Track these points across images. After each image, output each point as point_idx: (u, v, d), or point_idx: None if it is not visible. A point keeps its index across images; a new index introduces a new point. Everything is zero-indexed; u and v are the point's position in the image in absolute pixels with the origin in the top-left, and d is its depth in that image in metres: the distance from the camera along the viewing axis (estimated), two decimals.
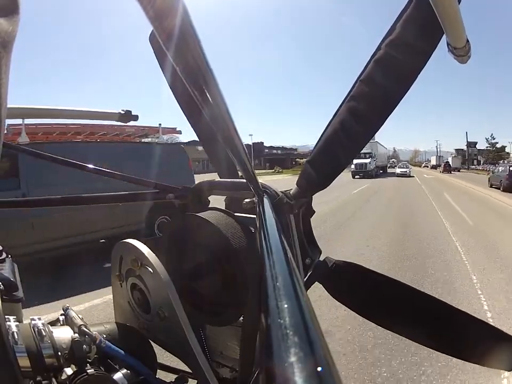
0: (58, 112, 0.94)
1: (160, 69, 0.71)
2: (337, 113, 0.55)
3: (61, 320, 0.55)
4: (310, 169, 0.57)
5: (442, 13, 0.43)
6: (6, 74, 0.24)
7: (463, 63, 0.55)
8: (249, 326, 0.53)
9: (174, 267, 0.58)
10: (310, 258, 0.60)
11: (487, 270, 4.21)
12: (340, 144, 0.54)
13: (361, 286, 0.57)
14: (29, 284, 0.83)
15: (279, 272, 0.24)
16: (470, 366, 2.10)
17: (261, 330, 0.18)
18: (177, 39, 0.28)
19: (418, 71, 0.50)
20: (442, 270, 4.18)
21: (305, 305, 0.19)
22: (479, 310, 3.06)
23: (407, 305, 0.55)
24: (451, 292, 3.50)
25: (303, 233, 0.61)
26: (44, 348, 0.45)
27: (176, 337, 0.53)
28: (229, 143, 0.40)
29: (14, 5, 0.25)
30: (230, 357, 0.66)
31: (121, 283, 0.63)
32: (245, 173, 0.47)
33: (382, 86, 0.51)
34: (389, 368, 2.24)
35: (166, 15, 0.26)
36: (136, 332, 0.60)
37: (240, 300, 0.52)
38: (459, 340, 0.55)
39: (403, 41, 0.49)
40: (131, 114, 0.99)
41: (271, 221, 0.39)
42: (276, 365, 0.15)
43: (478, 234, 6.15)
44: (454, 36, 0.49)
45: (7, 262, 0.69)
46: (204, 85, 0.32)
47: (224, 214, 0.56)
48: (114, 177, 0.81)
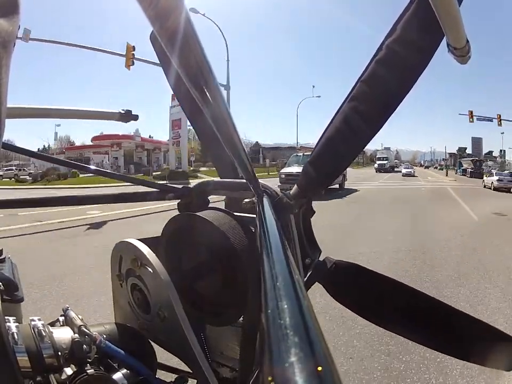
0: (58, 112, 0.94)
1: (161, 69, 0.71)
2: (337, 114, 0.55)
3: (60, 321, 0.55)
4: (310, 170, 0.56)
5: (442, 13, 0.43)
6: (6, 74, 0.24)
7: (463, 64, 0.55)
8: (249, 326, 0.53)
9: (174, 267, 0.58)
10: (310, 258, 0.60)
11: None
12: (344, 142, 0.54)
13: (361, 286, 0.57)
14: None
15: (279, 272, 0.24)
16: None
17: (261, 330, 0.18)
18: (178, 40, 0.28)
19: (421, 70, 0.50)
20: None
21: (305, 305, 0.19)
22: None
23: (407, 306, 0.55)
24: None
25: (303, 233, 0.61)
26: (44, 348, 0.45)
27: (176, 337, 0.53)
28: (229, 143, 0.40)
29: (14, 5, 0.25)
30: (230, 357, 0.66)
31: (121, 283, 0.63)
32: (245, 173, 0.47)
33: (384, 84, 0.51)
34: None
35: (167, 16, 0.26)
36: (136, 332, 0.60)
37: (240, 300, 0.52)
38: (458, 340, 0.55)
39: (405, 40, 0.49)
40: (131, 114, 0.99)
41: (271, 221, 0.39)
42: (276, 365, 0.15)
43: (424, 174, 35.37)
44: (454, 36, 0.49)
45: (7, 262, 0.69)
46: (204, 85, 0.32)
47: (224, 214, 0.56)
48: (115, 177, 0.82)
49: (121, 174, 0.83)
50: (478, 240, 5.63)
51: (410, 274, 3.83)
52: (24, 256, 4.23)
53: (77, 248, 5.06)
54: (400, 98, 0.51)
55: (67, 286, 3.46)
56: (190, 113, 0.74)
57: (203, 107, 0.34)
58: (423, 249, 4.94)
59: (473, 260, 4.47)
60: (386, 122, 0.52)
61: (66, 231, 6.36)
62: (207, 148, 0.80)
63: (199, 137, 0.79)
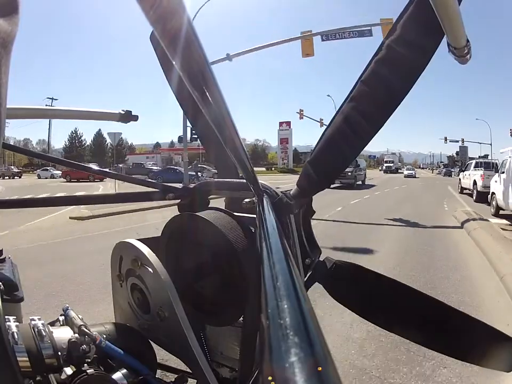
0: (58, 112, 0.94)
1: (161, 68, 0.71)
2: (337, 113, 0.55)
3: (60, 321, 0.55)
4: (310, 170, 0.56)
5: (442, 13, 0.43)
6: (6, 74, 0.24)
7: (464, 64, 0.55)
8: (249, 326, 0.53)
9: (174, 267, 0.58)
10: (310, 259, 0.60)
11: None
12: (344, 141, 0.54)
13: (361, 286, 0.57)
14: None
15: (279, 272, 0.24)
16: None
17: (261, 330, 0.18)
18: (180, 42, 0.28)
19: (421, 70, 0.50)
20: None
21: (305, 305, 0.19)
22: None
23: (407, 306, 0.55)
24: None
25: (303, 233, 0.61)
26: (44, 348, 0.45)
27: (176, 337, 0.53)
28: (229, 143, 0.40)
29: (14, 5, 0.25)
30: (230, 357, 0.66)
31: (121, 283, 0.63)
32: (245, 173, 0.47)
33: (385, 83, 0.51)
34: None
35: (168, 18, 0.26)
36: (136, 332, 0.60)
37: (240, 300, 0.52)
38: (458, 340, 0.55)
39: (405, 40, 0.49)
40: (131, 115, 0.99)
41: (271, 221, 0.39)
42: (276, 365, 0.15)
43: (420, 172, 54.90)
44: (454, 36, 0.49)
45: (7, 262, 0.69)
46: (204, 86, 0.32)
47: (224, 214, 0.56)
48: (115, 177, 0.82)
49: (121, 174, 0.83)
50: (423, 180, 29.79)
51: (407, 190, 17.23)
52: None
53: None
54: (401, 98, 0.51)
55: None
56: (190, 114, 0.74)
57: (203, 108, 0.34)
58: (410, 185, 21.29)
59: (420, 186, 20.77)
60: (389, 124, 0.52)
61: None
62: (208, 149, 0.81)
63: (199, 138, 0.80)
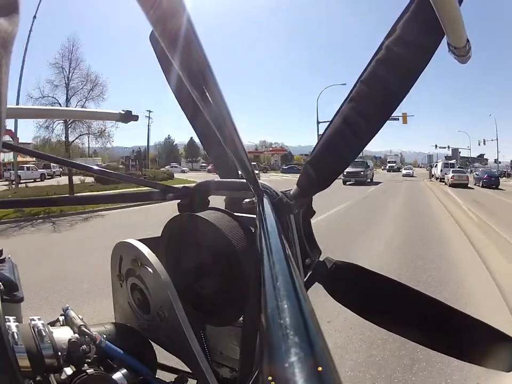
0: (58, 112, 0.95)
1: (160, 68, 0.71)
2: (337, 114, 0.55)
3: (60, 321, 0.55)
4: (310, 170, 0.56)
5: (442, 13, 0.43)
6: (6, 74, 0.24)
7: (464, 63, 0.55)
8: (249, 326, 0.53)
9: (174, 267, 0.58)
10: (310, 259, 0.60)
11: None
12: (344, 142, 0.54)
13: (360, 286, 0.57)
14: None
15: (279, 272, 0.24)
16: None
17: (261, 330, 0.18)
18: (180, 42, 0.28)
19: (421, 70, 0.50)
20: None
21: (305, 305, 0.19)
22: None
23: (407, 306, 0.55)
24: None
25: (303, 233, 0.61)
26: (43, 348, 0.45)
27: (176, 337, 0.53)
28: (229, 143, 0.40)
29: (14, 5, 0.25)
30: (230, 357, 0.66)
31: (121, 283, 0.63)
32: (245, 173, 0.47)
33: (384, 84, 0.51)
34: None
35: (168, 18, 0.26)
36: (136, 332, 0.60)
37: (240, 300, 0.52)
38: (458, 340, 0.55)
39: (404, 40, 0.49)
40: (131, 115, 0.99)
41: (271, 221, 0.39)
42: (276, 365, 0.15)
43: (417, 170, 61.50)
44: (454, 35, 0.49)
45: (7, 262, 0.69)
46: (204, 86, 0.32)
47: (224, 214, 0.56)
48: (116, 177, 0.82)
49: (122, 174, 0.83)
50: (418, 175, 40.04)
51: (407, 179, 30.35)
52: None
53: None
54: (400, 98, 0.51)
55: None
56: (190, 114, 0.74)
57: (203, 108, 0.34)
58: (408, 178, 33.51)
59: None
60: (388, 124, 0.53)
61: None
62: (208, 149, 0.80)
63: (199, 138, 0.79)
